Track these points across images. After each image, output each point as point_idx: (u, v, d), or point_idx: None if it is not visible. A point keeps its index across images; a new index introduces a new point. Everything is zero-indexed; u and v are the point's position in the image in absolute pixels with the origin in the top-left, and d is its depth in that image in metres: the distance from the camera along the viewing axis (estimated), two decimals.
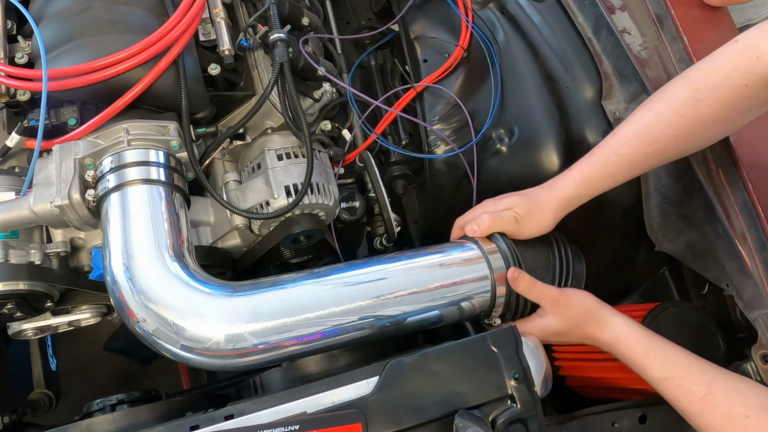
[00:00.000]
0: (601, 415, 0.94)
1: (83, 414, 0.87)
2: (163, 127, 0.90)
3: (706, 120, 0.86)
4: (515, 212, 0.94)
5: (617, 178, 0.93)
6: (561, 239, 0.98)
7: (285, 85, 0.97)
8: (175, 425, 0.70)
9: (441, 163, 1.12)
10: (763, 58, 0.79)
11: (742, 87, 0.82)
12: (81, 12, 0.92)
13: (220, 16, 1.01)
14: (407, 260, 0.89)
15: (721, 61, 0.84)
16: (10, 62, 0.91)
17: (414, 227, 1.22)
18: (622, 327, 0.88)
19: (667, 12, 1.09)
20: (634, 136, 0.90)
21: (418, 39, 1.19)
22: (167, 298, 0.77)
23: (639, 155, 0.90)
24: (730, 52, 0.83)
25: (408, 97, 1.14)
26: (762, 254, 0.93)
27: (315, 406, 0.70)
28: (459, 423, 0.70)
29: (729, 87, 0.83)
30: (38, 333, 0.98)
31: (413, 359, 0.74)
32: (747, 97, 0.83)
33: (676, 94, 0.87)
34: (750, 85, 0.82)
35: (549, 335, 0.91)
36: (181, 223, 0.85)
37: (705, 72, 0.85)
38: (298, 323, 0.79)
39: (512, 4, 1.21)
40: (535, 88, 1.12)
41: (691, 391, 0.81)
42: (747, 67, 0.81)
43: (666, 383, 0.83)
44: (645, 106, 0.91)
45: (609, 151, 0.92)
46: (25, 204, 0.83)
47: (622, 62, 1.08)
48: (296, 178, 0.98)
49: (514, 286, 0.90)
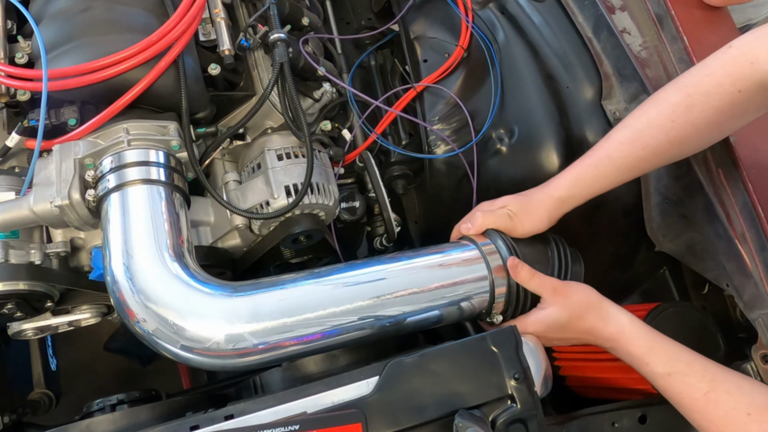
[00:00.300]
0: (601, 415, 0.94)
1: (83, 414, 0.87)
2: (163, 127, 0.90)
3: (698, 125, 0.87)
4: (508, 209, 0.95)
5: (610, 181, 0.93)
6: (560, 241, 0.98)
7: (285, 85, 0.97)
8: (175, 425, 0.69)
9: (441, 163, 1.12)
10: (757, 65, 0.80)
11: (734, 93, 0.82)
12: (81, 12, 0.92)
13: (220, 16, 1.01)
14: (407, 260, 0.89)
15: (713, 68, 0.85)
16: (10, 62, 0.91)
17: (414, 227, 1.22)
18: (626, 320, 0.87)
19: (667, 12, 1.09)
20: (627, 141, 0.91)
21: (418, 39, 1.19)
22: (167, 298, 0.77)
23: (631, 159, 0.91)
24: (723, 59, 0.84)
25: (408, 97, 1.14)
26: (762, 254, 0.93)
27: (315, 406, 0.70)
28: (459, 423, 0.70)
29: (721, 93, 0.83)
30: (38, 333, 0.98)
31: (413, 359, 0.74)
32: (739, 102, 0.83)
33: (668, 100, 0.88)
34: (743, 91, 0.82)
35: (550, 328, 0.90)
36: (181, 223, 0.85)
37: (697, 78, 0.86)
38: (298, 323, 0.79)
39: (512, 4, 1.21)
40: (535, 88, 1.12)
41: (693, 387, 0.81)
42: (740, 73, 0.81)
43: (669, 379, 0.83)
44: (638, 111, 0.92)
45: (602, 154, 0.93)
46: (25, 204, 0.83)
47: (622, 62, 1.08)
48: (296, 178, 0.98)
49: (514, 275, 0.90)
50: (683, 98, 0.86)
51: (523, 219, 0.95)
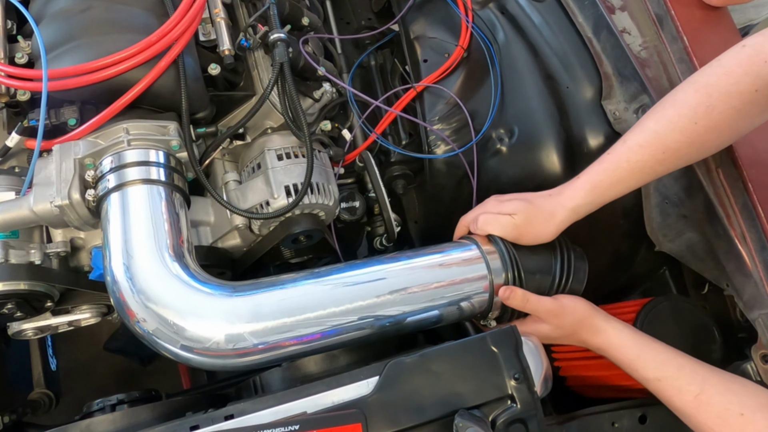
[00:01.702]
0: (601, 415, 0.94)
1: (83, 414, 0.87)
2: (163, 127, 0.90)
3: (719, 126, 0.85)
4: (515, 220, 0.93)
5: (627, 185, 0.91)
6: (564, 241, 0.97)
7: (285, 85, 0.97)
8: (175, 425, 0.69)
9: (441, 163, 1.12)
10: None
11: (752, 93, 0.81)
12: (81, 12, 0.92)
13: (220, 16, 1.01)
14: (407, 260, 0.89)
15: (730, 66, 0.83)
16: (10, 62, 0.91)
17: (414, 227, 1.22)
18: (613, 332, 0.89)
19: (667, 12, 1.09)
20: (646, 144, 0.88)
21: (418, 39, 1.19)
22: (167, 298, 0.77)
23: (651, 162, 0.89)
24: (739, 57, 0.83)
25: (408, 97, 1.14)
26: (762, 254, 0.93)
27: (315, 406, 0.70)
28: (459, 423, 0.70)
29: (740, 93, 0.82)
30: (38, 333, 0.98)
31: (413, 359, 0.74)
32: (757, 102, 0.82)
33: (687, 101, 0.86)
34: (760, 91, 0.81)
35: (543, 340, 0.91)
36: (181, 223, 0.85)
37: (715, 77, 0.85)
38: (298, 323, 0.79)
39: (512, 4, 1.21)
40: (535, 88, 1.12)
41: (684, 390, 0.81)
42: (756, 72, 0.81)
43: (659, 384, 0.84)
44: (656, 114, 0.90)
45: (620, 158, 0.90)
46: (25, 204, 0.83)
47: (622, 62, 1.08)
48: (296, 178, 0.98)
49: (507, 303, 0.90)
50: (704, 98, 0.84)
51: (530, 231, 0.93)
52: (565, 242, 0.97)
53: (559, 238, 0.96)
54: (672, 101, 0.89)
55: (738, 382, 0.81)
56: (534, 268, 0.93)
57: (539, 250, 0.95)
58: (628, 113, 1.06)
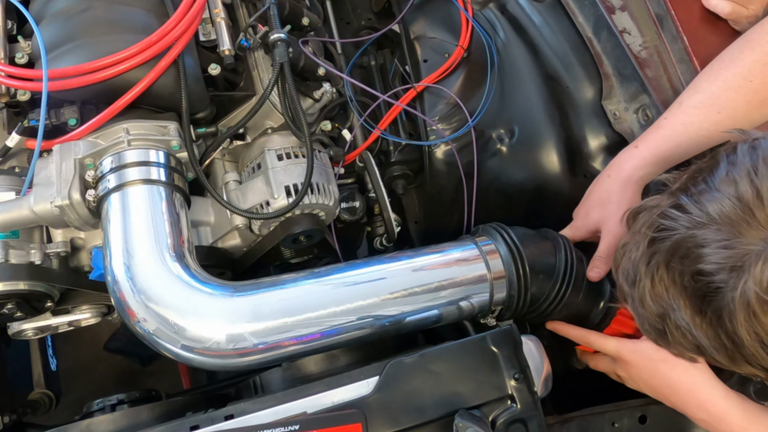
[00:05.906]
0: (601, 415, 0.94)
1: (83, 414, 0.87)
2: (163, 127, 0.90)
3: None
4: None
5: (686, 151, 0.88)
6: (566, 242, 0.96)
7: (285, 85, 0.97)
8: (175, 425, 0.70)
9: (441, 163, 1.12)
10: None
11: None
12: (81, 12, 0.92)
13: (220, 16, 1.01)
14: (407, 260, 0.89)
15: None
16: (11, 62, 0.91)
17: (414, 227, 1.22)
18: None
19: (667, 12, 1.09)
20: (701, 105, 0.85)
21: (418, 39, 1.19)
22: (168, 297, 0.77)
23: (707, 124, 0.85)
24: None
25: (408, 97, 1.14)
26: None
27: (315, 406, 0.70)
28: (459, 423, 0.70)
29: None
30: (38, 333, 0.98)
31: (413, 359, 0.74)
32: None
33: (742, 59, 0.83)
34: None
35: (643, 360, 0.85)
36: (181, 223, 0.85)
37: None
38: (298, 323, 0.79)
39: (512, 4, 1.21)
40: (535, 88, 1.12)
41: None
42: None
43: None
44: (710, 74, 0.86)
45: (675, 121, 0.87)
46: (26, 204, 0.83)
47: (622, 62, 1.08)
48: (296, 178, 0.98)
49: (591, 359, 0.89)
50: (760, 56, 0.81)
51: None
52: (567, 242, 0.97)
53: (562, 238, 0.96)
54: (727, 59, 0.85)
55: None
56: (536, 268, 0.92)
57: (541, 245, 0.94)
58: (628, 113, 1.06)
